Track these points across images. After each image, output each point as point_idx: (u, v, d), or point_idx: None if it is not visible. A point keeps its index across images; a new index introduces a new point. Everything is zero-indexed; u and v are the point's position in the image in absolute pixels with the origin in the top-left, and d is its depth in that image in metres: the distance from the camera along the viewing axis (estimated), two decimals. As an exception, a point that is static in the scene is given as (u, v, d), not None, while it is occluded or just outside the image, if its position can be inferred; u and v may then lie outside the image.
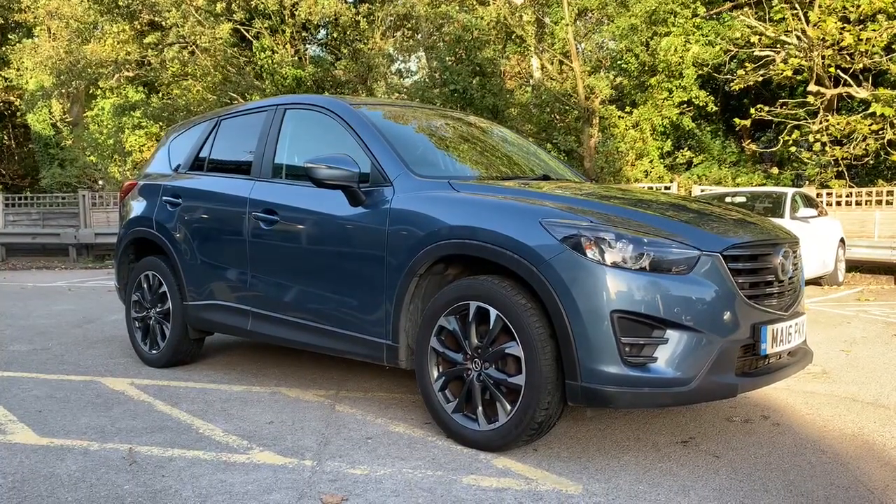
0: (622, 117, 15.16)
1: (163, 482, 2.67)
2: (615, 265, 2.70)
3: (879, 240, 12.24)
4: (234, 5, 16.60)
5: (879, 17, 12.33)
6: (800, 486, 2.65)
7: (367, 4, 17.42)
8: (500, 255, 2.89)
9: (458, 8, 16.63)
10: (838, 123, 13.31)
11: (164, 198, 4.64)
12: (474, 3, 16.79)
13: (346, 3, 17.51)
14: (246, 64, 17.34)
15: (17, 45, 21.46)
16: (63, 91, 20.34)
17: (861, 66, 12.96)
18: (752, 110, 13.94)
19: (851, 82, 13.37)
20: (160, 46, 18.07)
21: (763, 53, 14.22)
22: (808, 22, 13.12)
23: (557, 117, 16.12)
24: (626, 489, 2.62)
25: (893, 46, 12.77)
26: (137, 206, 4.91)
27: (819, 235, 9.42)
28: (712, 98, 15.30)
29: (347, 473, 2.76)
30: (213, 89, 17.37)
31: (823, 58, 13.11)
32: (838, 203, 13.26)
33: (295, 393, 4.00)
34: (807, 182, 14.82)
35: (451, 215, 3.12)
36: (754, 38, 14.02)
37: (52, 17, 18.36)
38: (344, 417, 3.52)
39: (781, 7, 13.36)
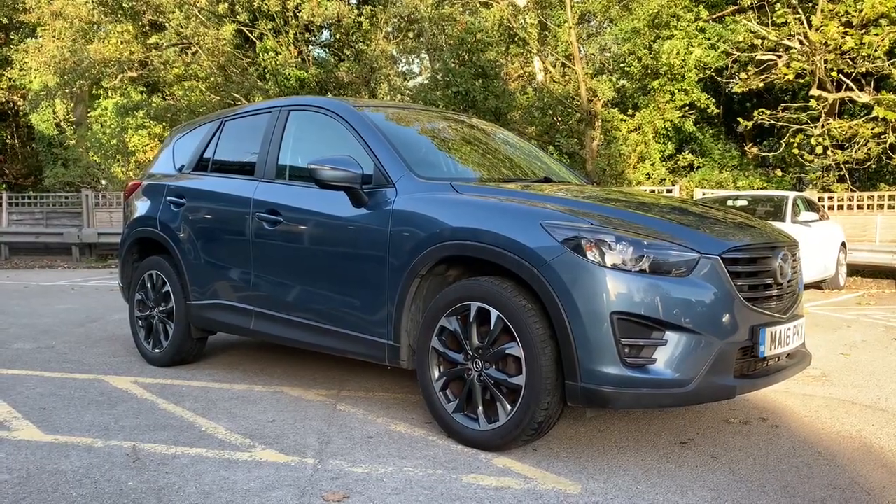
0: (624, 120, 15.18)
1: (166, 479, 2.70)
2: (615, 267, 2.73)
3: (881, 244, 12.26)
4: (237, 6, 16.64)
5: (882, 21, 12.35)
6: (797, 488, 2.67)
7: (369, 6, 17.46)
8: (501, 257, 2.92)
9: (461, 10, 16.67)
10: (840, 127, 13.33)
11: (168, 198, 4.67)
12: (478, 5, 16.82)
13: (349, 4, 17.56)
14: (249, 65, 17.38)
15: (21, 45, 21.53)
16: (67, 91, 20.39)
17: (863, 70, 12.98)
18: (755, 113, 13.96)
19: (853, 87, 13.39)
20: (164, 47, 18.13)
21: (765, 57, 14.24)
22: (810, 26, 13.14)
23: (560, 120, 16.14)
24: (624, 489, 2.64)
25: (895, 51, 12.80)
26: (141, 206, 4.94)
27: (820, 239, 9.44)
28: (714, 101, 15.32)
29: (349, 472, 2.78)
30: (216, 90, 17.42)
31: (826, 62, 13.13)
32: (840, 207, 13.27)
33: (297, 392, 4.03)
34: (808, 186, 14.83)
35: (453, 217, 3.15)
36: (757, 42, 14.04)
37: (57, 17, 18.41)
38: (345, 416, 3.54)
39: (784, 11, 13.39)
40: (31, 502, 2.48)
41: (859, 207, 13.16)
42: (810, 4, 13.76)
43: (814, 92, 13.69)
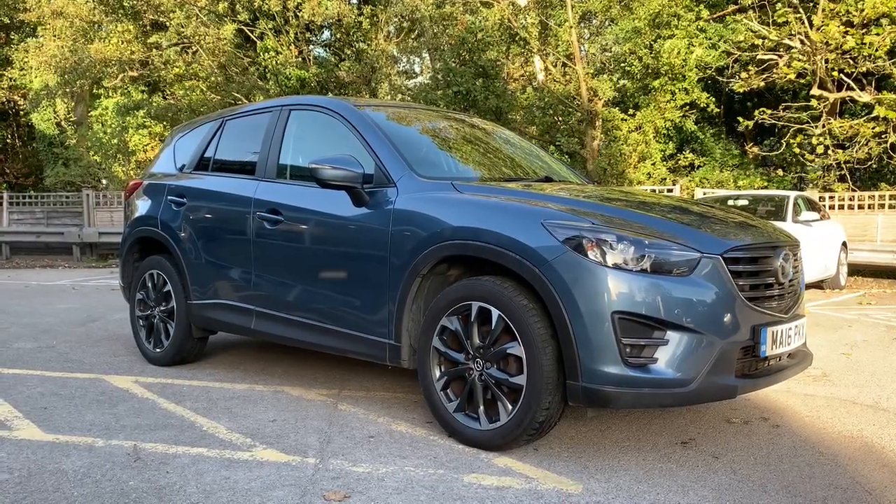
0: (625, 119, 15.17)
1: (167, 478, 2.70)
2: (616, 266, 2.73)
3: (882, 244, 12.25)
4: (238, 6, 16.65)
5: (883, 21, 12.34)
6: (798, 487, 2.67)
7: (370, 6, 17.47)
8: (502, 256, 2.92)
9: (461, 9, 16.67)
10: (841, 127, 13.32)
11: (169, 197, 4.67)
12: (478, 4, 16.82)
13: (349, 4, 17.56)
14: (250, 64, 17.39)
15: (22, 44, 21.54)
16: (67, 90, 20.41)
17: (864, 69, 12.97)
18: (756, 112, 13.96)
19: (854, 86, 13.38)
20: (164, 46, 18.15)
21: (766, 57, 14.23)
22: (811, 25, 13.13)
23: (560, 119, 16.14)
24: (625, 489, 2.64)
25: (896, 50, 12.80)
26: (142, 206, 4.94)
27: (821, 239, 9.43)
28: (714, 101, 15.32)
29: (350, 471, 2.78)
30: (216, 90, 17.43)
31: (826, 61, 13.12)
32: (841, 206, 13.26)
33: (298, 392, 4.03)
34: (809, 185, 14.82)
35: (454, 216, 3.14)
36: (757, 42, 14.03)
37: (57, 16, 18.41)
38: (346, 416, 3.54)
39: (784, 11, 13.38)
40: (33, 502, 2.49)
41: (860, 207, 13.15)
42: (811, 4, 13.75)
43: (815, 91, 13.68)
